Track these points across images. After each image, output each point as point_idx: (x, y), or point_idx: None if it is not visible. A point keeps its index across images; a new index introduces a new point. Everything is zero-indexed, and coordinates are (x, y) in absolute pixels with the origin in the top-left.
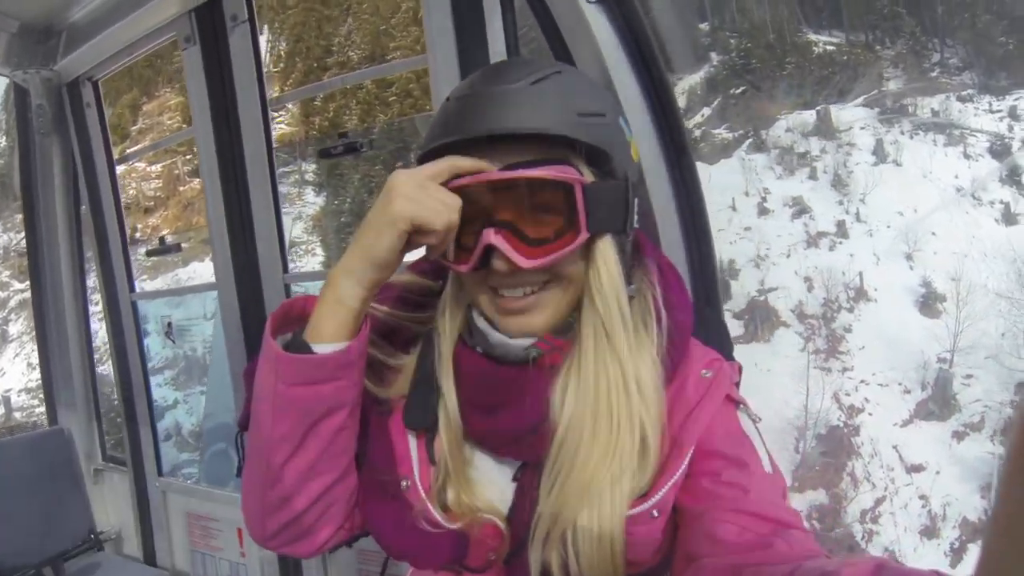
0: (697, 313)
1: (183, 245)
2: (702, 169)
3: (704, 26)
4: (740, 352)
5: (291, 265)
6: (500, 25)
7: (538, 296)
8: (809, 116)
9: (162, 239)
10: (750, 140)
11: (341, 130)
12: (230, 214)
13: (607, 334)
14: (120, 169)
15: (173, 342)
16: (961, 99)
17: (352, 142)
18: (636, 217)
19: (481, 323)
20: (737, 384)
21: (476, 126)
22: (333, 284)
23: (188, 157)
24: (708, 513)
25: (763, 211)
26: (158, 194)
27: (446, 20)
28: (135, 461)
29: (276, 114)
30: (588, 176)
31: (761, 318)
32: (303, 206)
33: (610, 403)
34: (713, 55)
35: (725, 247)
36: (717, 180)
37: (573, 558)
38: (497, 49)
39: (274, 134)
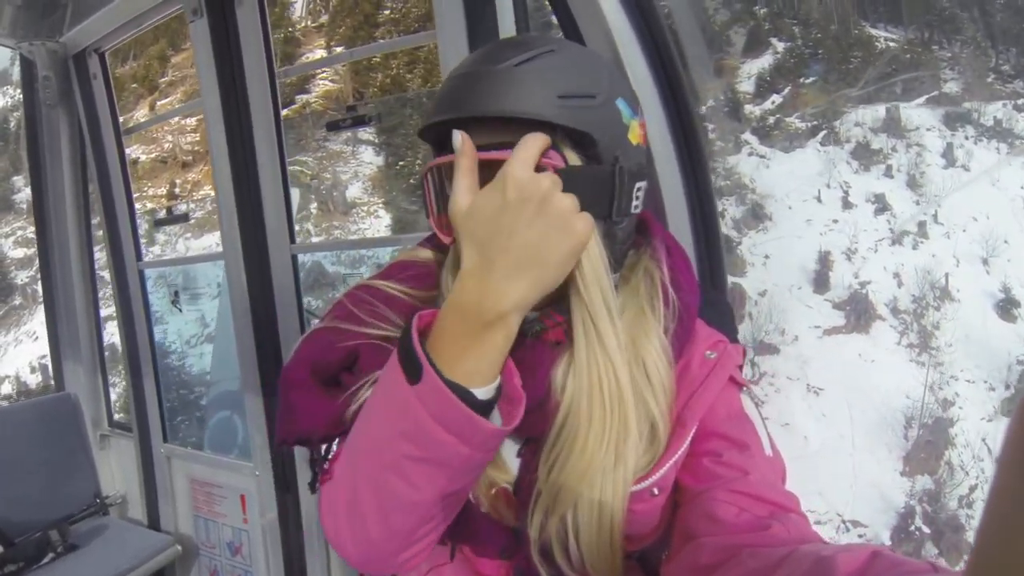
0: (703, 295)
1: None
2: (779, 157)
3: (762, 11)
4: (844, 343)
5: (353, 227)
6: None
7: None
8: (877, 112)
9: (169, 209)
10: (824, 132)
11: (349, 104)
12: (238, 185)
13: (593, 324)
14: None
15: (180, 311)
16: (1017, 108)
17: (360, 115)
18: (635, 203)
19: None
20: (740, 367)
21: (457, 108)
22: (506, 324)
23: None
24: (707, 493)
25: (847, 205)
26: (196, 148)
27: None
28: (141, 427)
29: (319, 71)
30: (574, 160)
31: (860, 311)
32: (359, 165)
33: (602, 392)
34: (776, 41)
35: (816, 238)
36: (796, 170)
37: (572, 537)
38: (506, 25)
39: (317, 91)
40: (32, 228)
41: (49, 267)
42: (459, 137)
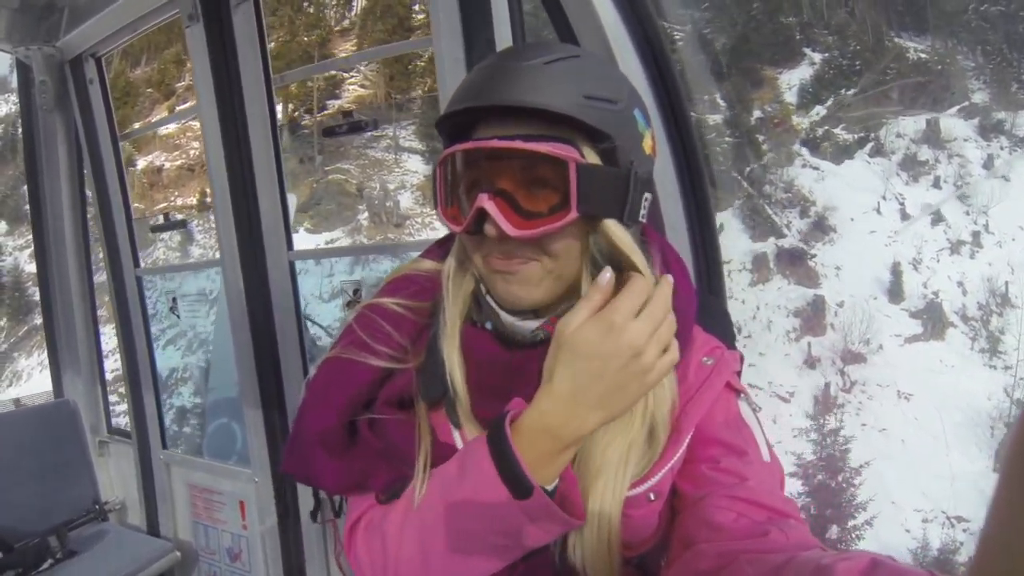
0: (701, 301)
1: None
2: (831, 169)
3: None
4: (925, 350)
5: (409, 240)
6: (506, 7)
7: (523, 263)
8: (916, 123)
9: (166, 215)
10: (871, 144)
11: (346, 110)
12: (235, 192)
13: None
14: (172, 127)
15: (179, 318)
16: None
17: (356, 121)
18: (643, 212)
19: (490, 299)
20: (739, 373)
21: (483, 97)
22: (581, 443)
23: None
24: (705, 499)
25: (904, 216)
26: None
27: (452, 2)
28: (139, 433)
29: (347, 75)
30: (593, 160)
31: (935, 319)
32: (404, 174)
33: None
34: (813, 53)
35: (882, 249)
36: (850, 181)
37: (573, 538)
38: (502, 31)
39: (348, 96)
40: None
41: (47, 274)
42: (608, 274)
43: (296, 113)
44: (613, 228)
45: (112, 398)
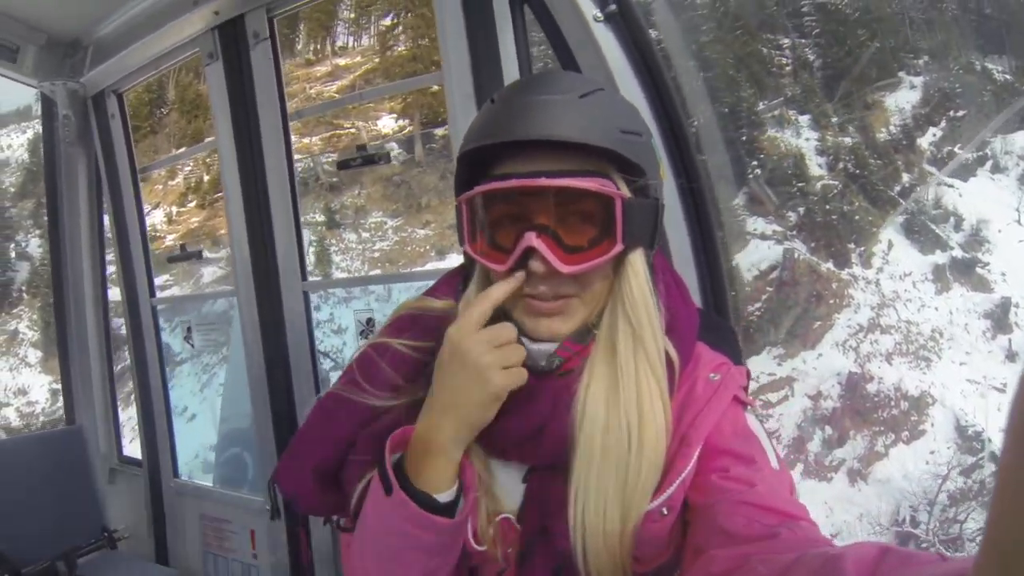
0: (708, 321)
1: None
2: (961, 186)
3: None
4: None
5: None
6: (512, 40)
7: (566, 302)
8: (1018, 140)
9: (183, 246)
10: (990, 161)
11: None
12: (250, 222)
13: (643, 344)
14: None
15: (192, 346)
16: None
17: (370, 155)
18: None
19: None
20: (746, 388)
21: (524, 131)
22: (446, 452)
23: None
24: (716, 506)
25: None
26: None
27: (460, 37)
28: (151, 462)
29: None
30: (624, 191)
31: None
32: None
33: (641, 410)
34: (908, 76)
35: None
36: (984, 197)
37: (580, 555)
38: (510, 65)
39: None
40: None
41: (62, 301)
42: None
43: (425, 123)
44: (637, 261)
45: None
